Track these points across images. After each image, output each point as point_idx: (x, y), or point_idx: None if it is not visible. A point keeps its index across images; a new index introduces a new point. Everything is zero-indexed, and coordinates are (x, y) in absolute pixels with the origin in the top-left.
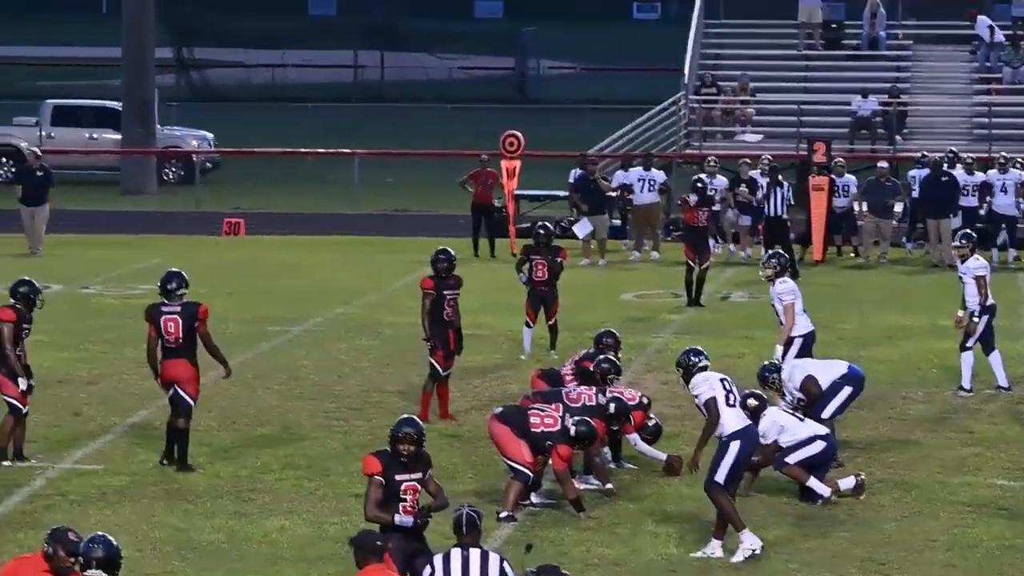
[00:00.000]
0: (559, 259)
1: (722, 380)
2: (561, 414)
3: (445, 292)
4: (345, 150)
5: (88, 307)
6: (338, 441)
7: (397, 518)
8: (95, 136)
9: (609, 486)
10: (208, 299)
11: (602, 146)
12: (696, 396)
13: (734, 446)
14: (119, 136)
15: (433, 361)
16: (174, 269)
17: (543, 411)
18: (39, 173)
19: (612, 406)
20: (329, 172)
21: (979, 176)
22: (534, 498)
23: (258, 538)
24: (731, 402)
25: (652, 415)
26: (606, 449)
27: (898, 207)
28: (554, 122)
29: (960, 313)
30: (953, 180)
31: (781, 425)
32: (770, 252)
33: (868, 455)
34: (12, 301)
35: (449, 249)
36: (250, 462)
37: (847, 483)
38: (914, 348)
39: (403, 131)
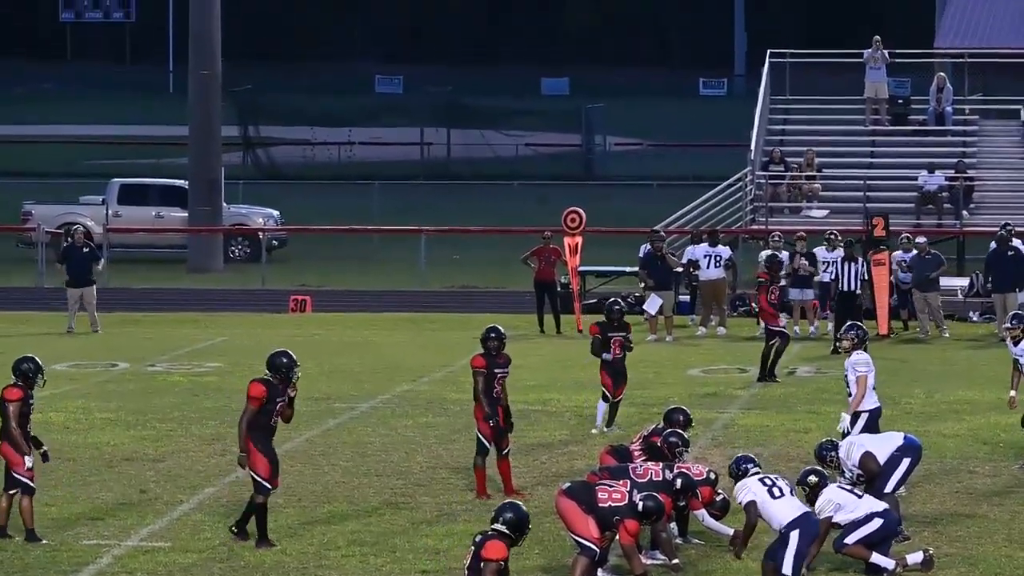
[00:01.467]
0: (629, 336)
1: (761, 479)
2: (629, 489)
3: (496, 370)
4: (411, 227)
5: (154, 385)
6: (405, 518)
7: None
8: (162, 215)
9: (676, 561)
10: None
11: (668, 222)
12: (739, 503)
13: (793, 536)
14: (186, 214)
15: (481, 436)
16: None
17: (611, 487)
18: (85, 250)
19: (679, 481)
20: (395, 249)
21: None
22: (601, 574)
23: None
24: (776, 495)
25: (720, 491)
26: (673, 524)
27: (962, 281)
28: (620, 198)
29: (1012, 393)
30: (1019, 254)
31: (838, 503)
32: (849, 324)
33: (935, 529)
34: (14, 379)
35: (499, 327)
36: (316, 539)
37: (915, 558)
38: (981, 422)
39: (469, 208)
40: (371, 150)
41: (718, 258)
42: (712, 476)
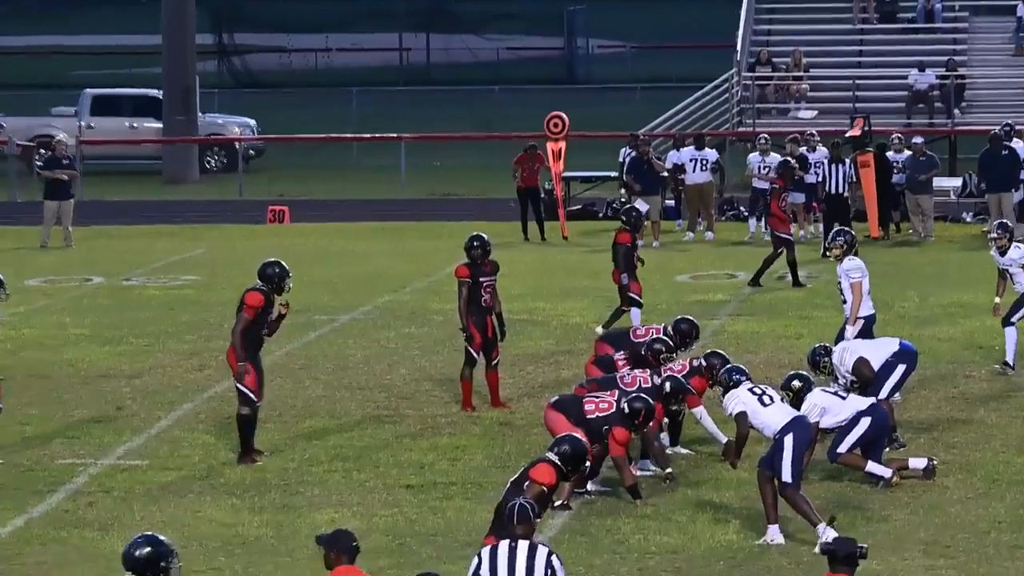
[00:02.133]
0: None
1: (751, 389)
2: (616, 398)
3: (481, 279)
4: (391, 135)
5: (130, 299)
6: (388, 432)
7: None
8: (135, 125)
9: (669, 470)
10: None
11: (653, 125)
12: (729, 414)
13: (788, 441)
14: (160, 125)
15: (469, 348)
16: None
17: (598, 397)
18: (65, 162)
19: (667, 385)
20: (374, 157)
21: None
22: (590, 486)
23: (307, 532)
24: (767, 403)
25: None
26: (664, 434)
27: (955, 182)
28: (604, 102)
29: (997, 300)
30: (1013, 152)
31: (823, 407)
32: (836, 230)
33: (931, 436)
34: None
35: (483, 235)
36: (298, 455)
37: (918, 463)
38: (976, 325)
39: (450, 114)
40: (349, 56)
41: (704, 161)
42: (698, 363)
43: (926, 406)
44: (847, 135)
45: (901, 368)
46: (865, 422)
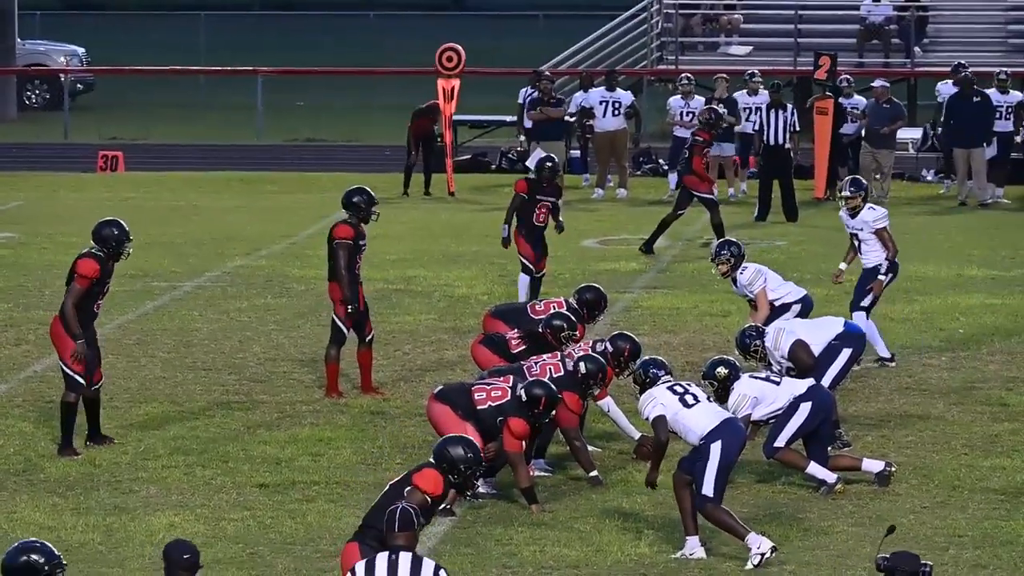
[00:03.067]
0: (559, 203)
1: (671, 387)
2: (512, 384)
3: (361, 242)
4: (245, 67)
5: None
6: (239, 421)
7: None
8: None
9: (594, 474)
10: (79, 250)
11: (557, 61)
12: (645, 417)
13: (715, 448)
14: None
15: (337, 320)
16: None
17: (489, 384)
18: None
19: (583, 365)
20: (226, 95)
21: (1016, 95)
22: (480, 487)
23: (141, 538)
24: (691, 403)
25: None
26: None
27: (914, 133)
28: (499, 33)
29: (842, 266)
30: (987, 101)
31: (754, 397)
32: (719, 243)
33: (881, 433)
34: None
35: (367, 188)
36: (131, 447)
37: (873, 465)
38: (936, 304)
39: (316, 45)
40: None
41: (617, 105)
42: (603, 347)
43: (876, 398)
44: (815, 76)
45: (846, 352)
46: (805, 408)
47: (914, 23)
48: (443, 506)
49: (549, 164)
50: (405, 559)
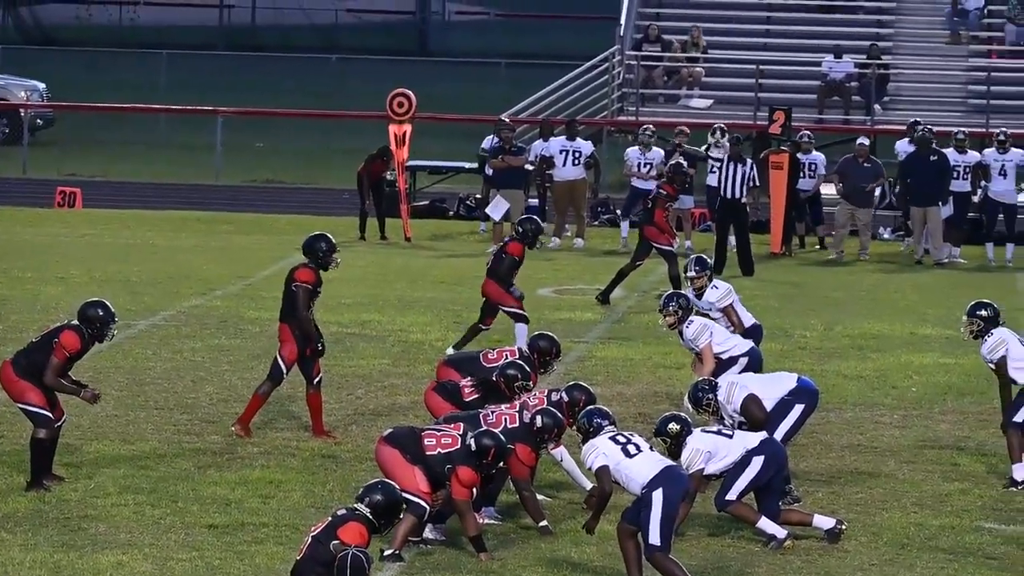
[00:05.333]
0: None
1: (613, 437)
2: (462, 432)
3: (319, 288)
4: (205, 107)
5: None
6: (189, 461)
7: None
8: None
9: (544, 524)
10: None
11: (518, 109)
12: (588, 467)
13: (657, 496)
14: None
15: (281, 361)
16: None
17: (440, 431)
18: None
19: (539, 419)
20: (186, 134)
21: (973, 155)
22: (428, 533)
23: None
24: (632, 452)
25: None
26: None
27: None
28: (462, 79)
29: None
30: (944, 160)
31: (708, 451)
32: (667, 295)
33: (831, 489)
34: None
35: (328, 234)
36: (81, 484)
37: (824, 522)
38: (890, 361)
39: (277, 86)
40: (159, 12)
41: (577, 154)
42: (558, 397)
43: (827, 455)
44: (769, 130)
45: (799, 408)
46: (758, 461)
47: (875, 81)
48: (392, 551)
49: (532, 227)
50: None
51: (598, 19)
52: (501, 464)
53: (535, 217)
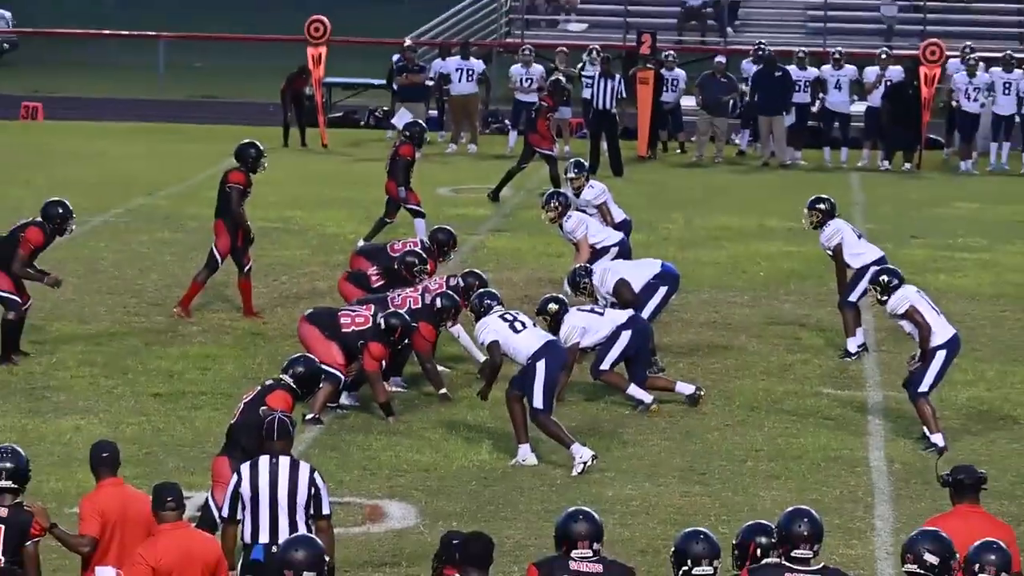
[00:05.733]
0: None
1: (502, 316)
2: (373, 312)
3: (249, 188)
4: (149, 32)
5: None
6: (138, 338)
7: None
8: None
9: (444, 391)
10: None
11: (419, 32)
12: (481, 342)
13: (540, 366)
14: None
15: (216, 252)
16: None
17: (354, 311)
18: None
19: (439, 301)
20: (133, 55)
21: (812, 72)
22: (344, 399)
23: (52, 438)
24: (519, 329)
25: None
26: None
27: None
28: (369, 6)
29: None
30: (787, 76)
31: (582, 327)
32: (548, 193)
33: (690, 361)
34: None
35: (258, 142)
36: (44, 359)
37: (685, 388)
38: (740, 250)
39: (212, 13)
40: None
41: (471, 72)
42: (456, 282)
43: (687, 331)
44: (639, 51)
45: (663, 290)
46: (626, 335)
47: (727, 7)
48: (312, 415)
49: (417, 129)
50: (284, 461)
51: None
52: (406, 340)
53: (419, 121)
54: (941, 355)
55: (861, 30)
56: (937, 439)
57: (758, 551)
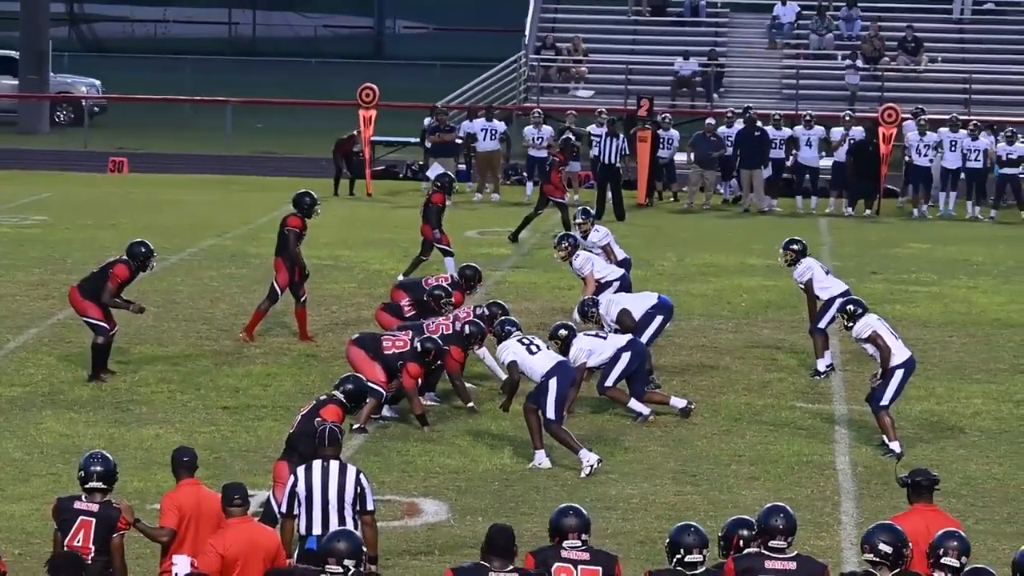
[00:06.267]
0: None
1: (520, 340)
2: (411, 337)
3: (305, 232)
4: (219, 98)
5: None
6: (209, 359)
7: None
8: None
9: (471, 404)
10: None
11: (450, 98)
12: (502, 362)
13: (552, 383)
14: (16, 82)
15: (276, 286)
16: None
17: (395, 336)
18: None
19: (467, 328)
20: (205, 118)
21: (786, 131)
22: (385, 412)
23: (134, 445)
24: (534, 351)
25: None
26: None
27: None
28: (407, 76)
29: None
30: (765, 134)
31: (589, 349)
32: (560, 235)
33: (683, 379)
34: None
35: (312, 192)
36: (128, 377)
37: (678, 402)
38: (725, 284)
39: (271, 82)
40: (184, 27)
41: (493, 131)
42: (481, 311)
43: (679, 353)
44: (638, 113)
45: (659, 319)
46: (626, 356)
47: (713, 76)
48: (358, 425)
49: (447, 180)
50: (334, 464)
51: (509, 31)
52: (439, 361)
53: (449, 173)
54: (899, 373)
55: (828, 95)
56: (895, 446)
57: (741, 542)
